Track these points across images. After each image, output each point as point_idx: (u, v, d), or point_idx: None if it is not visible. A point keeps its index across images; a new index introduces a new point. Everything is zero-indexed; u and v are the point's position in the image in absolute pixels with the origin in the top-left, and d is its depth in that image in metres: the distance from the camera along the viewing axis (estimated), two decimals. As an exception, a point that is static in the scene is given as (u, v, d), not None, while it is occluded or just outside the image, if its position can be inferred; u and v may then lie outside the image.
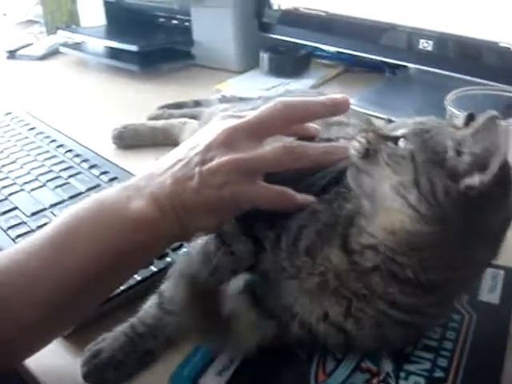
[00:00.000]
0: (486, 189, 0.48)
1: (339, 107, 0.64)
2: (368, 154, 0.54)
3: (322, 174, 0.59)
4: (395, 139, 0.53)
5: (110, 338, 0.60)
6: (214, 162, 0.59)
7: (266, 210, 0.59)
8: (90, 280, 0.55)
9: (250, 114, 0.62)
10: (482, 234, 0.51)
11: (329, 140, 0.66)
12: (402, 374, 0.57)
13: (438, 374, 0.56)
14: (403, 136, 0.53)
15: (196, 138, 0.63)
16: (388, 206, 0.51)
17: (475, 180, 0.48)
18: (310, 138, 0.66)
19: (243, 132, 0.61)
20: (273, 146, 0.60)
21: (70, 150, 1.00)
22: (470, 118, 0.55)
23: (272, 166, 0.61)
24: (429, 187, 0.49)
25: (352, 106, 0.66)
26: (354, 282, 0.54)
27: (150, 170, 0.61)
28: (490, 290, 0.67)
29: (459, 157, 0.50)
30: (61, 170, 0.93)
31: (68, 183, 0.89)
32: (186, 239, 0.64)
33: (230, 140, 0.60)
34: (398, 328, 0.55)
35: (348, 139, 0.60)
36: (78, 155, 0.98)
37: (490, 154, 0.48)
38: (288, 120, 0.63)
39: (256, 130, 0.61)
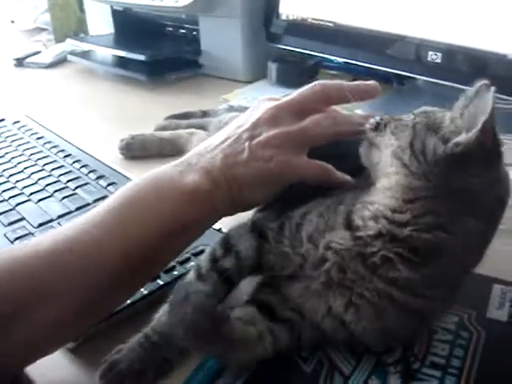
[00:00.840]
0: (471, 146, 0.51)
1: (370, 91, 0.70)
2: (378, 126, 0.60)
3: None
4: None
5: (125, 349, 0.59)
6: (262, 137, 0.64)
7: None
8: (152, 249, 0.58)
9: (290, 96, 0.68)
10: (470, 199, 0.53)
11: None
12: (410, 392, 0.56)
13: (446, 392, 0.56)
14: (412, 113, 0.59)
15: (241, 119, 0.68)
16: (387, 170, 0.56)
17: (462, 137, 0.52)
18: None
19: (286, 110, 0.66)
20: (314, 117, 0.66)
21: (78, 161, 1.00)
22: None
23: (317, 135, 0.66)
24: (420, 147, 0.54)
25: None
26: (354, 261, 0.55)
27: (200, 148, 0.65)
28: (498, 307, 0.66)
29: (452, 123, 0.54)
30: (68, 181, 0.93)
31: (75, 194, 0.89)
32: (235, 212, 0.66)
33: (275, 117, 0.65)
34: (400, 314, 0.55)
35: None
36: (85, 165, 0.98)
37: (478, 116, 0.51)
38: (325, 100, 0.68)
39: (297, 109, 0.67)
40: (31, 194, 0.90)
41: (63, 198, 0.88)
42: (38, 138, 1.11)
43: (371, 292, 0.55)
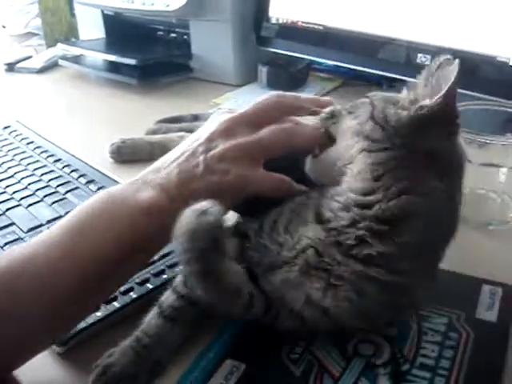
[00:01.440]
0: (436, 108, 0.54)
1: (324, 105, 0.68)
2: (334, 115, 0.62)
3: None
4: None
5: (117, 353, 0.59)
6: (217, 149, 0.63)
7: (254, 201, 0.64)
8: (109, 267, 0.58)
9: (245, 108, 0.67)
10: (434, 161, 0.55)
11: None
12: (399, 394, 0.56)
13: (436, 393, 0.56)
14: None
15: (197, 133, 0.67)
16: (350, 152, 0.57)
17: (426, 101, 0.55)
18: None
19: (242, 121, 0.66)
20: (269, 128, 0.65)
21: (68, 165, 0.99)
22: None
23: (272, 147, 0.65)
24: (382, 116, 0.56)
25: None
26: (331, 250, 0.56)
27: (155, 165, 0.65)
28: (487, 308, 0.66)
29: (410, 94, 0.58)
30: (58, 185, 0.93)
31: (65, 199, 0.89)
32: None
33: (230, 129, 0.65)
34: (379, 292, 0.56)
35: None
36: (75, 170, 0.97)
37: (442, 83, 0.54)
38: (281, 110, 0.68)
39: (253, 119, 0.66)
40: (21, 198, 0.90)
41: (53, 202, 0.88)
42: (29, 143, 1.11)
43: (349, 274, 0.56)
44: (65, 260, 0.56)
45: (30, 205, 0.88)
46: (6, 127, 1.20)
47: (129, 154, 1.06)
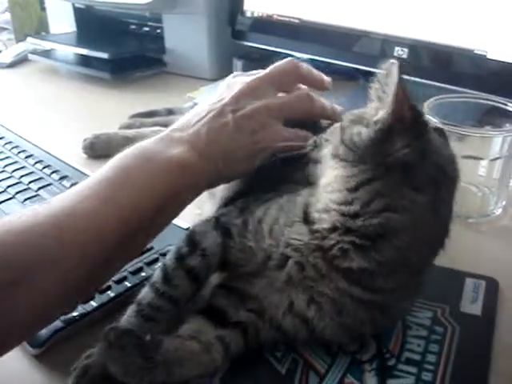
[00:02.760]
0: (388, 119, 0.52)
1: (326, 84, 0.74)
2: (316, 145, 0.62)
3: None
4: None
5: (95, 354, 0.57)
6: (246, 109, 0.66)
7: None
8: (147, 215, 0.59)
9: (262, 71, 0.71)
10: (406, 172, 0.53)
11: None
12: (386, 390, 0.55)
13: (423, 388, 0.55)
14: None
15: (217, 95, 0.69)
16: (328, 170, 0.57)
17: (378, 114, 0.54)
18: None
19: (265, 83, 0.69)
20: (296, 93, 0.71)
21: (40, 161, 0.97)
22: None
23: (295, 110, 0.69)
24: (349, 138, 0.55)
25: None
26: (313, 256, 0.56)
27: (179, 124, 0.66)
28: (471, 302, 0.66)
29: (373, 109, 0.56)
30: (30, 182, 0.90)
31: (38, 195, 0.87)
32: (219, 184, 0.69)
33: (255, 90, 0.68)
34: (360, 309, 0.56)
35: None
36: (47, 166, 0.95)
37: (388, 92, 0.53)
38: (296, 76, 0.72)
39: (275, 82, 0.70)
40: (-8, 195, 0.87)
41: (25, 199, 0.85)
42: (-1, 139, 1.08)
43: (332, 290, 0.55)
44: (106, 210, 0.56)
45: (2, 202, 0.85)
46: (-26, 123, 1.17)
47: (102, 149, 1.03)
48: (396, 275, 0.55)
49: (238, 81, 0.70)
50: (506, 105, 0.85)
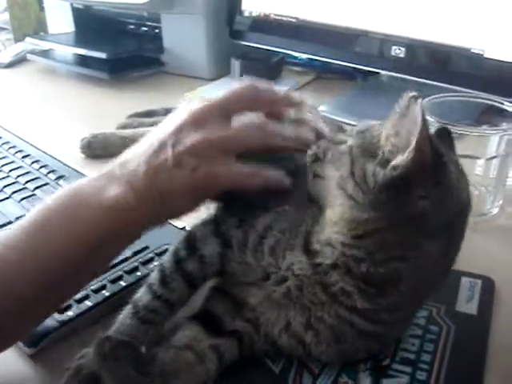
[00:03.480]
0: (409, 166, 0.48)
1: (296, 104, 0.66)
2: (318, 158, 0.57)
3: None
4: (341, 141, 0.55)
5: (89, 354, 0.57)
6: (187, 143, 0.58)
7: (237, 202, 0.61)
8: (71, 267, 0.55)
9: (218, 96, 0.62)
10: (423, 223, 0.50)
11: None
12: (381, 389, 0.55)
13: (417, 388, 0.55)
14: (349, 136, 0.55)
15: (165, 123, 0.62)
16: (333, 202, 0.53)
17: (398, 159, 0.48)
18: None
19: (213, 111, 0.61)
20: (246, 123, 0.61)
21: (37, 161, 0.97)
22: None
23: (245, 143, 0.61)
24: (361, 175, 0.50)
25: (324, 113, 0.68)
26: (314, 288, 0.54)
27: (122, 159, 0.61)
28: (467, 301, 0.66)
29: (388, 141, 0.51)
30: (27, 182, 0.90)
31: (34, 195, 0.86)
32: (160, 224, 0.62)
33: (200, 120, 0.60)
34: (358, 340, 0.55)
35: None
36: (44, 166, 0.95)
37: (410, 133, 0.48)
38: (253, 99, 0.63)
39: (224, 109, 0.61)
40: (-11, 195, 0.87)
41: (22, 199, 0.85)
42: (-4, 139, 1.08)
43: (331, 317, 0.54)
44: (24, 261, 0.54)
45: (-2, 202, 0.85)
46: (-29, 123, 1.17)
47: (100, 149, 1.03)
48: (400, 311, 0.55)
49: (186, 108, 0.62)
50: (502, 104, 0.85)
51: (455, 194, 0.52)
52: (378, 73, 1.29)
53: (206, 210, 0.69)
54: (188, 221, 0.68)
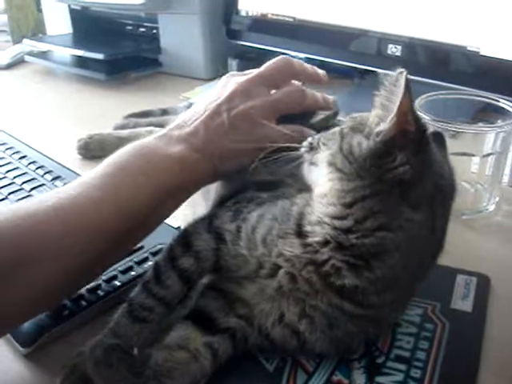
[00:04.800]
0: (391, 132, 0.50)
1: (322, 78, 0.77)
2: (312, 147, 0.60)
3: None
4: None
5: (84, 354, 0.57)
6: (240, 108, 0.68)
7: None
8: (145, 210, 0.61)
9: (256, 70, 0.73)
10: (404, 190, 0.51)
11: None
12: (375, 387, 0.55)
13: (412, 385, 0.55)
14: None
15: (213, 94, 0.71)
16: (322, 179, 0.56)
17: (381, 125, 0.52)
18: None
19: (258, 83, 0.71)
20: (287, 88, 0.72)
21: (34, 162, 0.97)
22: None
23: (287, 106, 0.72)
24: (348, 148, 0.54)
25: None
26: (306, 270, 0.55)
27: (178, 122, 0.69)
28: (462, 298, 0.66)
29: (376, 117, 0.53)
30: (23, 183, 0.90)
31: (30, 196, 0.86)
32: (216, 180, 0.71)
33: (248, 90, 0.70)
34: (351, 325, 0.55)
35: None
36: (41, 167, 0.95)
37: (394, 102, 0.50)
38: (288, 73, 0.74)
39: (267, 81, 0.72)
40: (-15, 196, 0.87)
41: (18, 200, 0.85)
42: (-7, 140, 1.07)
43: (324, 304, 0.54)
44: (108, 200, 0.59)
45: (-5, 203, 0.85)
46: (-31, 124, 1.17)
47: (97, 150, 1.03)
48: (388, 291, 0.54)
49: (232, 81, 0.72)
50: (498, 101, 0.85)
51: (437, 169, 0.54)
52: (375, 71, 1.29)
53: (202, 210, 0.70)
54: (183, 219, 0.68)
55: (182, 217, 0.70)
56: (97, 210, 0.58)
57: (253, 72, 0.73)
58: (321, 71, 0.77)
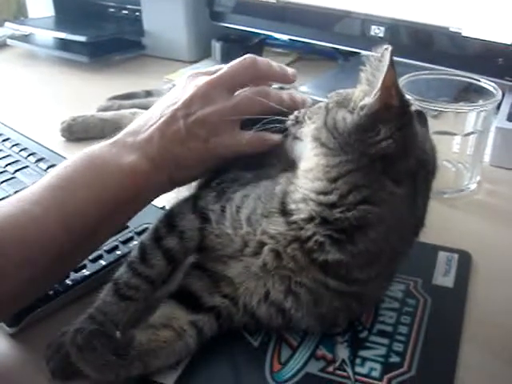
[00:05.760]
0: (375, 105, 0.51)
1: (290, 77, 0.73)
2: (298, 121, 0.60)
3: None
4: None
5: (70, 332, 0.57)
6: (197, 115, 0.64)
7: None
8: (92, 224, 0.59)
9: (220, 70, 0.69)
10: (387, 164, 0.52)
11: None
12: (358, 361, 0.56)
13: (394, 359, 0.56)
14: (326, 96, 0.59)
15: (171, 96, 0.68)
16: (308, 154, 0.56)
17: (365, 99, 0.53)
18: None
19: (218, 86, 0.67)
20: (243, 93, 0.68)
21: (17, 144, 0.97)
22: None
23: (249, 109, 0.66)
24: (332, 123, 0.54)
25: (306, 94, 0.72)
26: (291, 247, 0.55)
27: (133, 127, 0.66)
28: (444, 274, 0.67)
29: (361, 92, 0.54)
30: (7, 165, 0.90)
31: (14, 178, 0.86)
32: (172, 189, 0.68)
33: (207, 94, 0.66)
34: (335, 301, 0.56)
35: None
36: (24, 149, 0.95)
37: (378, 77, 0.52)
38: (254, 74, 0.70)
39: (228, 84, 0.68)
40: (-31, 179, 0.86)
41: (2, 182, 0.85)
42: (-24, 123, 1.07)
43: (310, 280, 0.55)
44: (49, 216, 0.56)
45: (-21, 185, 0.85)
46: (-49, 108, 1.16)
47: (80, 132, 1.03)
48: (371, 266, 0.55)
49: (192, 83, 0.68)
50: (479, 81, 0.86)
51: (419, 145, 0.55)
52: (358, 53, 1.29)
53: (186, 190, 0.70)
54: (167, 199, 0.68)
55: (166, 197, 0.70)
56: (37, 229, 0.56)
57: (216, 71, 0.69)
58: (290, 70, 0.73)
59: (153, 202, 0.73)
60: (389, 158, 0.52)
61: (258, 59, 0.70)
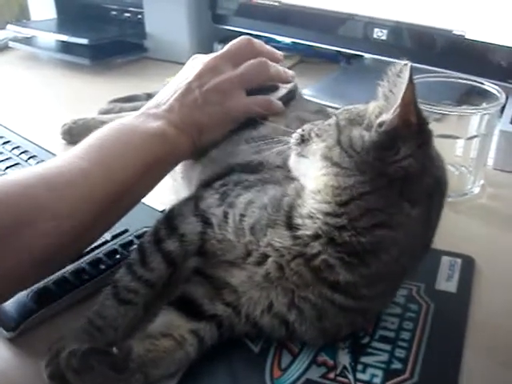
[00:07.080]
0: (394, 122, 0.50)
1: (280, 59, 0.82)
2: (303, 139, 0.59)
3: None
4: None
5: (69, 336, 0.57)
6: (211, 83, 0.73)
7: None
8: (130, 181, 0.63)
9: (223, 49, 0.78)
10: (406, 185, 0.51)
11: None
12: (360, 367, 0.55)
13: (396, 365, 0.55)
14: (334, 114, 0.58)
15: (182, 76, 0.76)
16: (316, 174, 0.54)
17: (384, 115, 0.51)
18: None
19: (224, 60, 0.76)
20: (251, 62, 0.76)
21: (18, 147, 0.96)
22: None
23: (253, 77, 0.76)
24: (348, 141, 0.53)
25: (308, 97, 0.80)
26: (295, 262, 0.54)
27: (152, 103, 0.73)
28: (447, 279, 0.66)
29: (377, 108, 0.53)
30: (7, 168, 0.89)
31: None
32: (194, 155, 0.73)
33: (215, 67, 0.75)
34: (340, 316, 0.55)
35: None
36: (25, 151, 0.94)
37: (398, 93, 0.50)
38: (250, 51, 0.78)
39: (232, 58, 0.77)
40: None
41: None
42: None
43: (315, 296, 0.54)
44: (95, 170, 0.61)
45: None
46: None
47: (81, 135, 0.99)
48: (380, 284, 0.55)
49: (198, 61, 0.77)
50: (482, 84, 0.85)
51: (436, 163, 0.54)
52: (361, 56, 1.29)
53: (186, 191, 0.70)
54: (167, 203, 0.68)
55: (166, 201, 0.69)
56: (83, 177, 0.59)
57: (219, 51, 0.78)
58: (277, 52, 0.83)
59: (152, 205, 0.74)
60: (408, 178, 0.51)
61: (253, 39, 0.79)
